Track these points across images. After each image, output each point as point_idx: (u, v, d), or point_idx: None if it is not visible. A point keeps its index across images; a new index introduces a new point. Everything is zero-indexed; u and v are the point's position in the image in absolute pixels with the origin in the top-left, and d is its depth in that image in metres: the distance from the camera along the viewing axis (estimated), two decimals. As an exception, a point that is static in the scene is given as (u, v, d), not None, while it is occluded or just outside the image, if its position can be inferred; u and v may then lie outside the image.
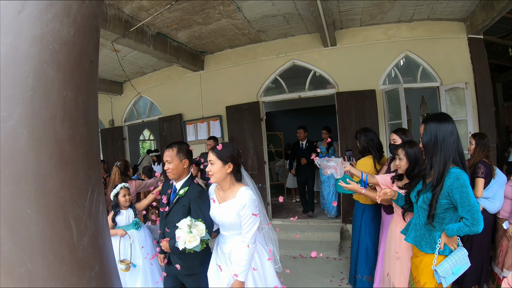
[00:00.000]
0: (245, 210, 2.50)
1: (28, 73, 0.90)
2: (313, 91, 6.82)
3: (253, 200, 2.54)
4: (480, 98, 5.87)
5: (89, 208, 0.97)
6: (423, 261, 2.44)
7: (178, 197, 2.81)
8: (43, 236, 0.89)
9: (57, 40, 0.94)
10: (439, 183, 2.29)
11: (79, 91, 0.98)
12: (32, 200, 0.87)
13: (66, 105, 0.94)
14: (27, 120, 0.88)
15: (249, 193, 2.55)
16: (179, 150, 2.85)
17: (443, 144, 2.32)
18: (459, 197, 2.22)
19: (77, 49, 0.99)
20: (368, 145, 4.03)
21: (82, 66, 1.00)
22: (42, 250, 0.89)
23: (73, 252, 0.92)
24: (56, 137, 0.91)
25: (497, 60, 8.52)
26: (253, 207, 2.52)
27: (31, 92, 0.89)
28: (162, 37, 6.02)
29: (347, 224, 6.36)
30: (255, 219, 2.54)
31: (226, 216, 2.58)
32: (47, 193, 0.89)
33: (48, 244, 0.89)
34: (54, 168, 0.90)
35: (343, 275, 4.72)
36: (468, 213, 2.18)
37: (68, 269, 0.92)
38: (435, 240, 2.39)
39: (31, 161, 0.88)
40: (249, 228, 2.52)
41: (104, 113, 9.58)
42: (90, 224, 0.96)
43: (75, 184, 0.94)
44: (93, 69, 1.07)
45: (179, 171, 2.84)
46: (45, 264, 0.89)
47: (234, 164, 2.61)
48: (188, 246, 2.47)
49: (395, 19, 6.01)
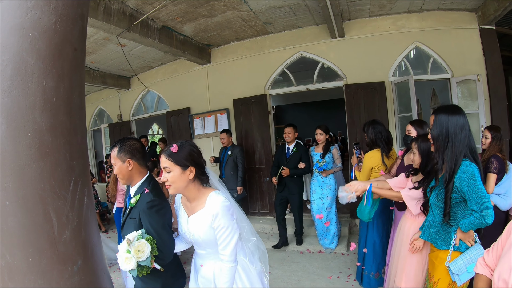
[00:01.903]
0: (218, 221, 2.05)
1: (7, 62, 0.87)
2: (321, 84, 6.73)
3: (226, 207, 2.08)
4: (492, 91, 5.73)
5: (72, 200, 0.94)
6: (439, 257, 2.36)
7: (130, 207, 2.30)
8: (22, 228, 0.86)
9: (37, 28, 0.91)
10: (451, 180, 2.22)
11: (61, 79, 0.95)
12: (10, 191, 0.85)
13: (46, 94, 0.91)
14: (5, 110, 0.86)
15: (220, 199, 2.09)
16: (120, 149, 2.32)
17: (454, 139, 2.23)
18: (466, 189, 2.15)
19: (58, 37, 0.96)
20: (376, 137, 3.95)
21: (64, 54, 0.97)
22: (21, 242, 0.87)
23: (53, 245, 0.90)
24: (35, 127, 0.88)
25: (510, 53, 8.30)
26: (227, 215, 2.07)
27: (9, 81, 0.87)
28: (167, 31, 5.99)
29: (356, 219, 6.29)
30: (233, 229, 2.10)
31: (198, 231, 2.12)
32: (25, 184, 0.86)
33: (27, 237, 0.87)
34: (33, 159, 0.87)
35: (350, 271, 4.67)
36: (477, 205, 2.11)
37: (49, 263, 0.89)
38: (450, 236, 2.32)
39: (9, 151, 0.85)
40: (227, 242, 2.09)
41: (112, 107, 9.66)
42: (72, 216, 0.94)
43: (56, 175, 0.91)
44: (77, 57, 1.03)
45: (125, 175, 2.32)
46: (24, 257, 0.87)
47: (196, 167, 2.12)
48: (123, 268, 1.99)
49: (404, 9, 5.88)
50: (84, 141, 1.05)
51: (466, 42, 5.88)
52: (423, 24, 5.99)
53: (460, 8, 5.76)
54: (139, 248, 1.97)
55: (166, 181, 2.07)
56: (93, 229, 1.04)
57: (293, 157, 5.56)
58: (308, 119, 14.65)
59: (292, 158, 5.56)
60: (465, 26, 5.87)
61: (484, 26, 5.75)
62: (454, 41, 5.91)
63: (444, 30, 5.92)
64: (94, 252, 1.02)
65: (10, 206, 0.86)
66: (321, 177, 5.45)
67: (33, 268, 0.89)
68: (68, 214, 0.93)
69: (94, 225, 1.06)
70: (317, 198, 5.46)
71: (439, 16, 5.92)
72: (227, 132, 6.29)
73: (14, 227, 0.86)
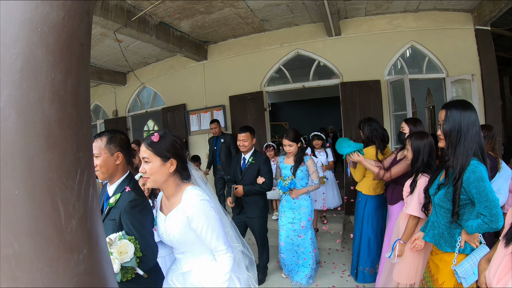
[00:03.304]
0: (197, 221, 1.87)
1: (17, 55, 0.89)
2: (317, 81, 6.80)
3: (204, 203, 1.90)
4: (486, 91, 5.82)
5: (78, 190, 0.97)
6: (443, 259, 2.32)
7: (109, 207, 2.11)
8: (30, 217, 0.89)
9: (46, 23, 0.93)
10: (460, 177, 2.15)
11: (69, 73, 0.97)
12: (19, 180, 0.87)
13: (55, 87, 0.93)
14: (15, 102, 0.88)
15: (196, 194, 1.91)
16: (111, 140, 2.15)
17: (467, 134, 2.17)
18: (475, 192, 2.08)
19: (67, 32, 0.98)
20: (372, 134, 4.00)
21: (72, 49, 1.00)
22: (29, 231, 0.89)
23: (60, 234, 0.92)
24: (44, 118, 0.91)
25: (505, 53, 8.40)
26: (204, 211, 1.88)
27: (19, 74, 0.89)
28: (164, 27, 5.99)
29: (350, 215, 6.35)
30: (214, 221, 1.91)
31: (173, 231, 1.93)
32: (34, 174, 0.89)
33: (35, 225, 0.89)
34: (42, 149, 0.90)
35: (345, 266, 4.73)
36: (486, 209, 2.03)
37: (56, 251, 0.92)
38: (454, 238, 2.26)
39: (19, 142, 0.88)
40: (214, 236, 1.90)
41: (108, 103, 9.64)
42: (78, 206, 0.96)
43: (63, 166, 0.93)
44: (83, 52, 1.06)
45: (109, 169, 2.14)
46: (32, 245, 0.89)
47: (178, 159, 1.96)
48: None
49: (400, 9, 5.94)
50: (89, 134, 1.08)
51: (462, 42, 5.95)
52: (419, 23, 6.06)
53: (456, 8, 5.83)
54: (121, 249, 1.81)
55: (144, 172, 1.91)
56: (98, 220, 1.06)
57: (250, 169, 4.31)
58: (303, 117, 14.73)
59: (248, 171, 4.32)
60: (461, 26, 5.94)
61: (480, 27, 5.82)
62: (450, 41, 5.99)
63: (440, 30, 6.00)
64: (99, 242, 1.05)
65: (19, 195, 0.88)
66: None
67: (40, 257, 0.91)
68: (75, 204, 0.96)
69: (98, 215, 1.08)
70: (287, 223, 4.28)
71: (435, 16, 5.99)
72: (218, 122, 6.56)
73: (22, 216, 0.89)
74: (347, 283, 4.27)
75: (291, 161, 4.29)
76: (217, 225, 1.92)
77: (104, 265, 1.08)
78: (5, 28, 0.89)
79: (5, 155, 0.87)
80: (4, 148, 0.87)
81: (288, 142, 4.15)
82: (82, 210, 0.98)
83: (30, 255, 0.90)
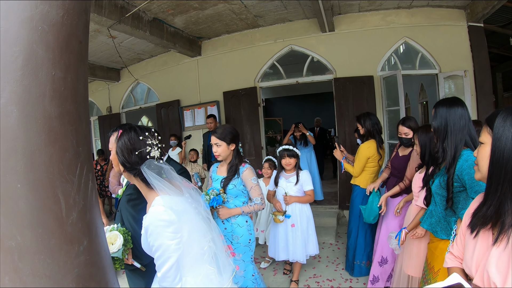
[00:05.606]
0: (152, 239, 1.57)
1: (18, 53, 0.92)
2: (310, 77, 6.82)
3: (160, 224, 1.55)
4: (479, 87, 5.89)
5: (78, 184, 1.00)
6: (438, 247, 2.36)
7: (119, 199, 2.11)
8: (32, 210, 0.92)
9: (46, 22, 0.96)
10: (452, 165, 2.24)
11: (68, 70, 1.00)
12: (21, 174, 0.91)
13: (55, 83, 0.96)
14: (17, 98, 0.91)
15: (157, 211, 1.58)
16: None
17: (453, 128, 2.27)
18: (468, 178, 2.14)
19: (66, 30, 1.01)
20: (373, 129, 4.02)
21: (71, 46, 1.03)
22: (32, 223, 0.92)
23: (61, 226, 0.96)
24: (45, 114, 0.94)
25: (498, 50, 8.48)
26: (161, 234, 1.55)
27: (21, 71, 0.92)
28: (158, 23, 5.98)
29: (344, 210, 6.41)
30: (168, 251, 1.57)
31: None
32: (36, 168, 0.92)
33: (37, 218, 0.93)
34: (43, 144, 0.93)
35: (339, 260, 4.79)
36: (477, 194, 1.98)
37: (57, 243, 0.95)
38: (450, 226, 2.33)
39: (21, 137, 0.91)
40: (160, 263, 1.60)
41: (102, 100, 9.59)
42: (78, 199, 1.00)
43: (64, 160, 0.97)
44: (82, 49, 1.09)
45: None
46: (34, 237, 0.93)
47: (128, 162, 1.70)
48: None
49: (394, 5, 5.98)
50: (88, 129, 1.11)
51: (454, 38, 6.01)
52: (412, 20, 6.10)
53: (449, 5, 5.89)
54: (110, 239, 1.80)
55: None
56: (97, 212, 1.10)
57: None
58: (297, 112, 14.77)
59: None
60: (454, 23, 6.00)
61: (473, 23, 5.88)
62: (443, 38, 6.04)
63: (433, 26, 6.05)
64: (98, 234, 1.08)
65: (22, 188, 0.91)
66: None
67: (42, 248, 0.94)
68: (75, 197, 0.99)
69: (97, 208, 1.12)
70: None
71: (428, 13, 6.03)
72: (214, 117, 6.58)
73: (24, 209, 0.92)
74: (341, 276, 4.31)
75: (223, 172, 3.14)
76: (168, 255, 1.59)
77: (104, 256, 1.12)
78: (6, 27, 0.92)
79: (8, 150, 0.90)
80: (7, 143, 0.90)
81: (215, 140, 2.97)
82: (82, 203, 1.01)
83: (32, 247, 0.93)
